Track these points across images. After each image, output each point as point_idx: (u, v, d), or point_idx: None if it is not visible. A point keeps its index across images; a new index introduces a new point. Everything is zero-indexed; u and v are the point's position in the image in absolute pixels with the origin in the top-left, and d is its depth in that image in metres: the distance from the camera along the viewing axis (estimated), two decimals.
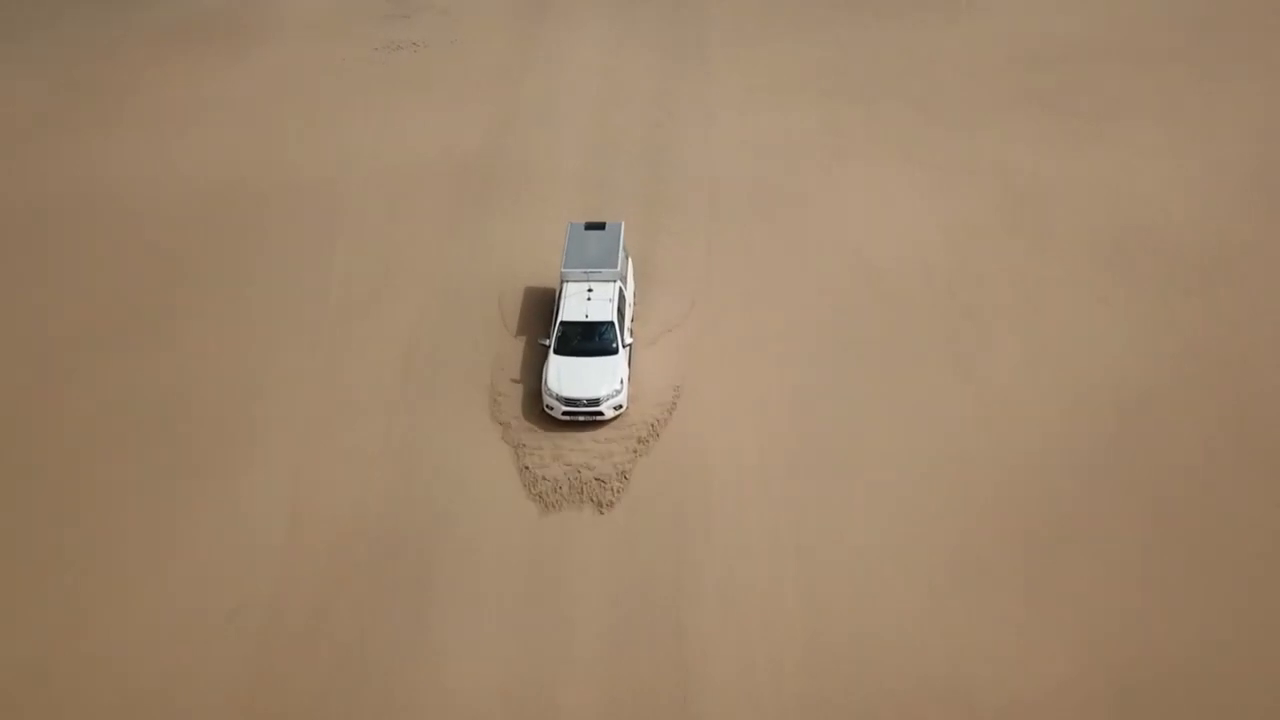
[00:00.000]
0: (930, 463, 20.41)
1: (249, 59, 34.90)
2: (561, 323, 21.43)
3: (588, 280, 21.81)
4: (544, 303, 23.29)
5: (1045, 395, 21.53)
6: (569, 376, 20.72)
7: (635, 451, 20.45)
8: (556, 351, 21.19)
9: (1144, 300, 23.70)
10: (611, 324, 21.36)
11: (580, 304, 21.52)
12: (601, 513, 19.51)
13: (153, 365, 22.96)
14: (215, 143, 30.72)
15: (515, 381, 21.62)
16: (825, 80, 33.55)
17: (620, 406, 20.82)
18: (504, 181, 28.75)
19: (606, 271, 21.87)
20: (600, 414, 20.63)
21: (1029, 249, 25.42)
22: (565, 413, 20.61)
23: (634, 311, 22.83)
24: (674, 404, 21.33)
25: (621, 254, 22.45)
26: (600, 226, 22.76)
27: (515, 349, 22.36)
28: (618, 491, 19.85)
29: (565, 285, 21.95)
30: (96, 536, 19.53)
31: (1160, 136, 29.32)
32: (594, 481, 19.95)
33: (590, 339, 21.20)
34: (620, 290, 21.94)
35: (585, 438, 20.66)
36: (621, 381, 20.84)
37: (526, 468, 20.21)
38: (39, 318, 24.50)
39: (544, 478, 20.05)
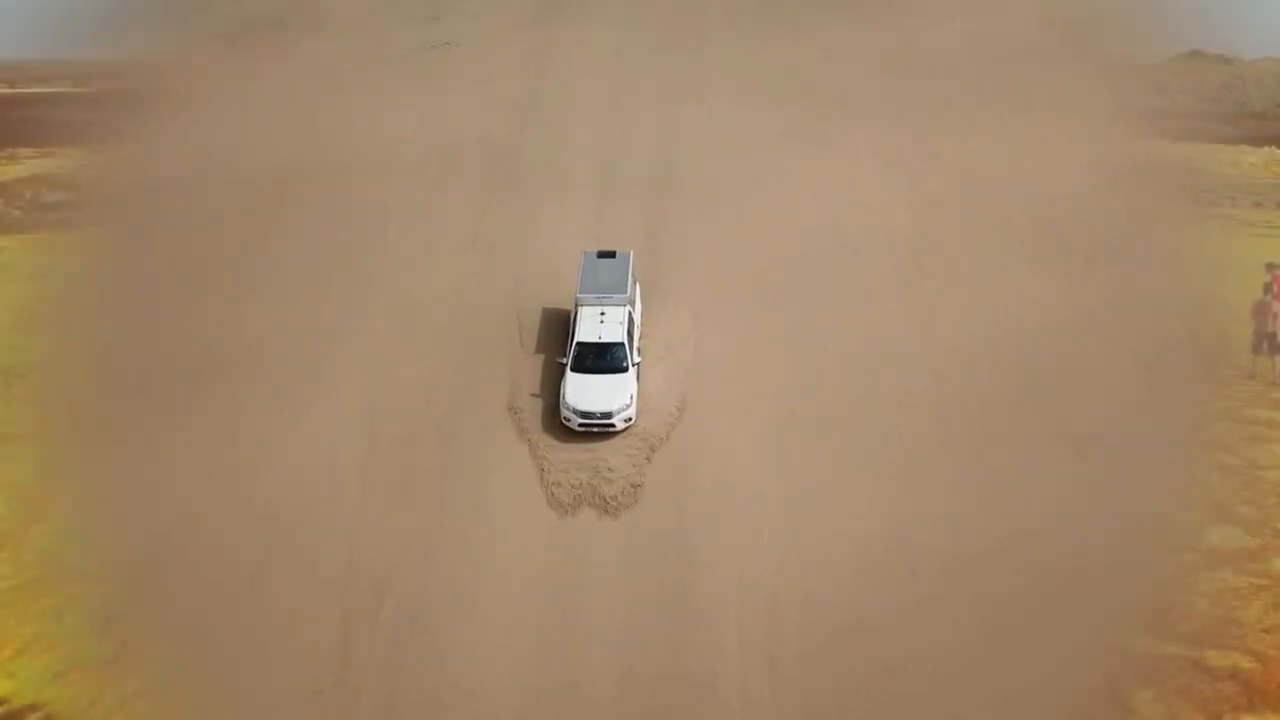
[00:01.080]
0: (917, 452, 23.14)
1: (293, 57, 37.37)
2: (577, 343, 23.87)
3: (600, 305, 24.30)
4: (558, 323, 25.66)
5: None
6: (584, 392, 23.21)
7: (645, 459, 22.85)
8: (572, 369, 23.64)
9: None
10: (622, 344, 23.83)
11: (594, 326, 23.99)
12: (615, 516, 21.95)
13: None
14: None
15: (535, 396, 24.10)
16: (816, 79, 35.94)
17: (630, 419, 23.31)
18: (518, 182, 31.15)
19: (617, 297, 24.37)
20: (612, 426, 23.12)
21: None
22: (581, 425, 23.09)
23: (641, 331, 25.30)
24: (680, 414, 23.79)
25: (631, 281, 24.89)
26: (611, 255, 25.23)
27: (534, 365, 24.80)
28: (629, 496, 22.22)
29: (580, 309, 24.37)
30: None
31: (1072, 129, 33.79)
32: (607, 487, 22.33)
33: (603, 358, 23.65)
34: (629, 314, 24.38)
35: (599, 447, 23.00)
36: (631, 397, 23.33)
37: (545, 474, 22.56)
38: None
39: (561, 484, 22.39)
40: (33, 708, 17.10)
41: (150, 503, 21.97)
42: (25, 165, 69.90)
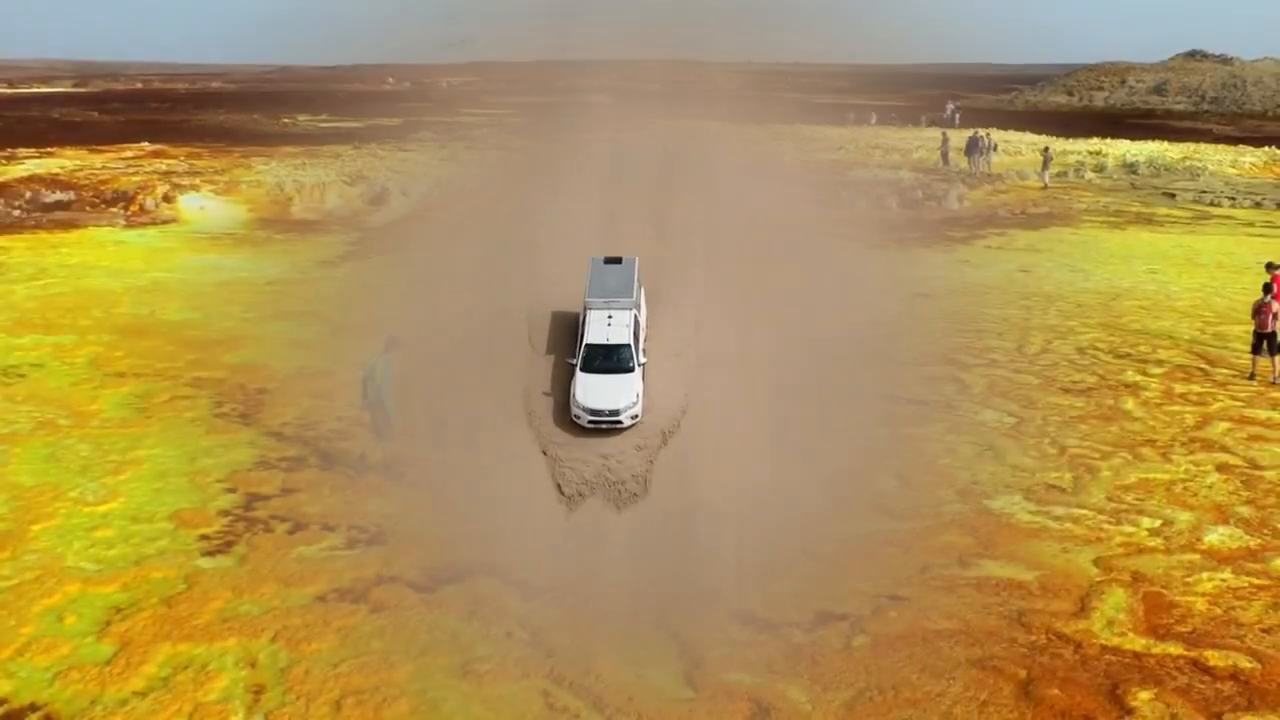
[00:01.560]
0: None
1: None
2: (586, 345, 24.07)
3: (608, 309, 24.45)
4: (565, 326, 25.66)
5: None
6: (593, 391, 23.41)
7: (651, 452, 23.05)
8: (582, 369, 23.82)
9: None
10: (629, 346, 24.02)
11: (602, 329, 24.15)
12: (622, 507, 22.26)
13: None
14: None
15: (546, 394, 24.31)
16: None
17: (636, 416, 23.50)
18: (519, 182, 31.44)
19: (624, 301, 24.52)
20: (620, 422, 23.34)
21: None
22: (590, 421, 23.32)
23: (646, 334, 25.46)
24: (682, 411, 24.00)
25: (636, 285, 25.05)
26: (618, 261, 25.38)
27: (544, 366, 24.89)
28: (637, 486, 22.49)
29: (589, 313, 24.51)
30: None
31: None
32: (616, 479, 22.58)
33: (611, 359, 23.84)
34: (635, 317, 24.55)
35: (608, 442, 23.15)
36: (637, 395, 23.53)
37: (556, 467, 22.80)
38: None
39: (572, 478, 22.60)
40: (33, 708, 17.03)
41: None
42: (25, 165, 70.02)
